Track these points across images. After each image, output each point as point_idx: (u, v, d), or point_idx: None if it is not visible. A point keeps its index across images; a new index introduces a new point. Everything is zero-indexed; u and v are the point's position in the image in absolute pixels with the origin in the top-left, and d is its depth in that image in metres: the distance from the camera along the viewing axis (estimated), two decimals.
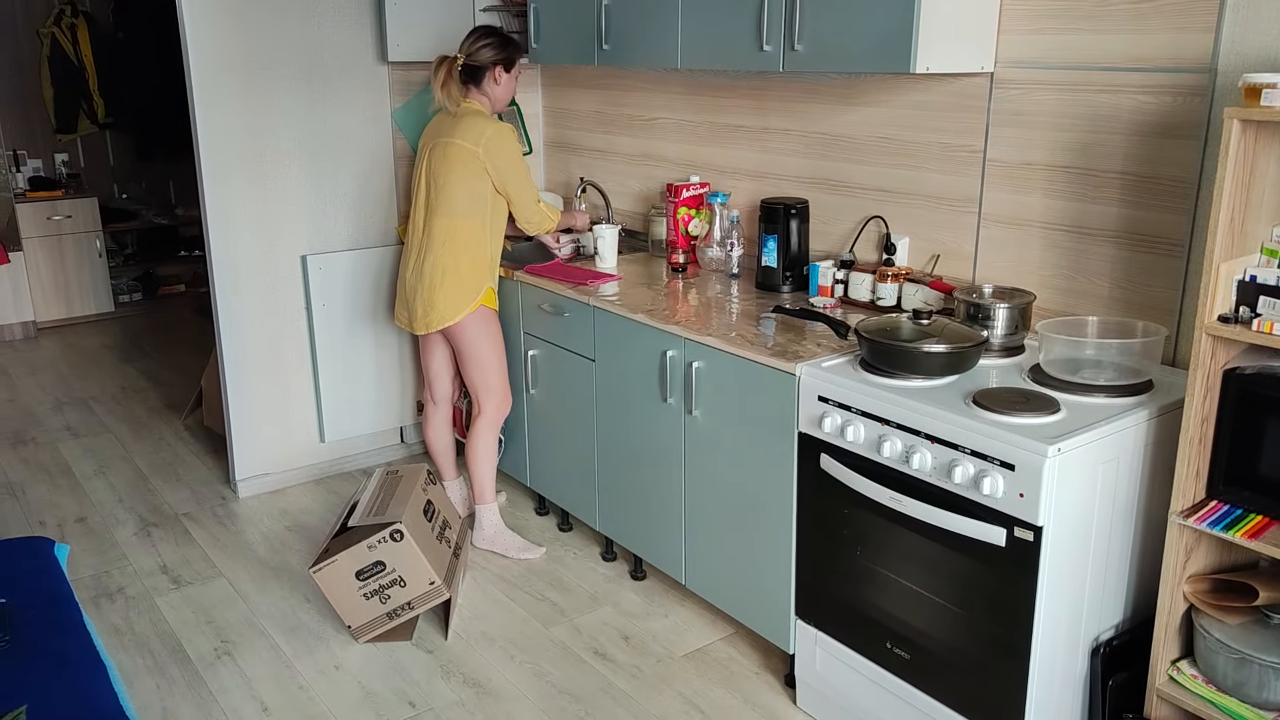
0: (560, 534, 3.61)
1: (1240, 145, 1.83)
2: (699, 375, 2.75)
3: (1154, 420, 2.14)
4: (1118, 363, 2.25)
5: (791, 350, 2.55)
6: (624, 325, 3.00)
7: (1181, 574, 2.07)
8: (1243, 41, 2.16)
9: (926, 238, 2.88)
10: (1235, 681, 2.01)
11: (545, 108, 4.36)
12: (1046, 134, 2.54)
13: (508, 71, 3.25)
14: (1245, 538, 1.91)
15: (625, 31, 3.23)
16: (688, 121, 3.64)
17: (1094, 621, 2.19)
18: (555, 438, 3.44)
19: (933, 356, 2.27)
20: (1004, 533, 2.03)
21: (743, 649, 2.94)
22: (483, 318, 3.29)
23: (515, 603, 3.18)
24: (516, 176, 3.20)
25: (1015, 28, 2.56)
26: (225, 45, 3.51)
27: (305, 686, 2.78)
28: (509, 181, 3.19)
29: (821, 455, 2.41)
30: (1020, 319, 2.47)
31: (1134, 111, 2.36)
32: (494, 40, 3.21)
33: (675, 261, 3.44)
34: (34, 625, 2.27)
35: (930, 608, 2.23)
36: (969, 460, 2.07)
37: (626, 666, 2.86)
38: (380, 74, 3.85)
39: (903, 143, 2.90)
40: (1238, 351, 2.00)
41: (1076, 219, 2.52)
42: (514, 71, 3.27)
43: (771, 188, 3.36)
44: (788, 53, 2.68)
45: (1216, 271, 1.89)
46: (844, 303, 2.99)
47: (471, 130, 3.14)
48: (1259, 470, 1.94)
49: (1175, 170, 2.31)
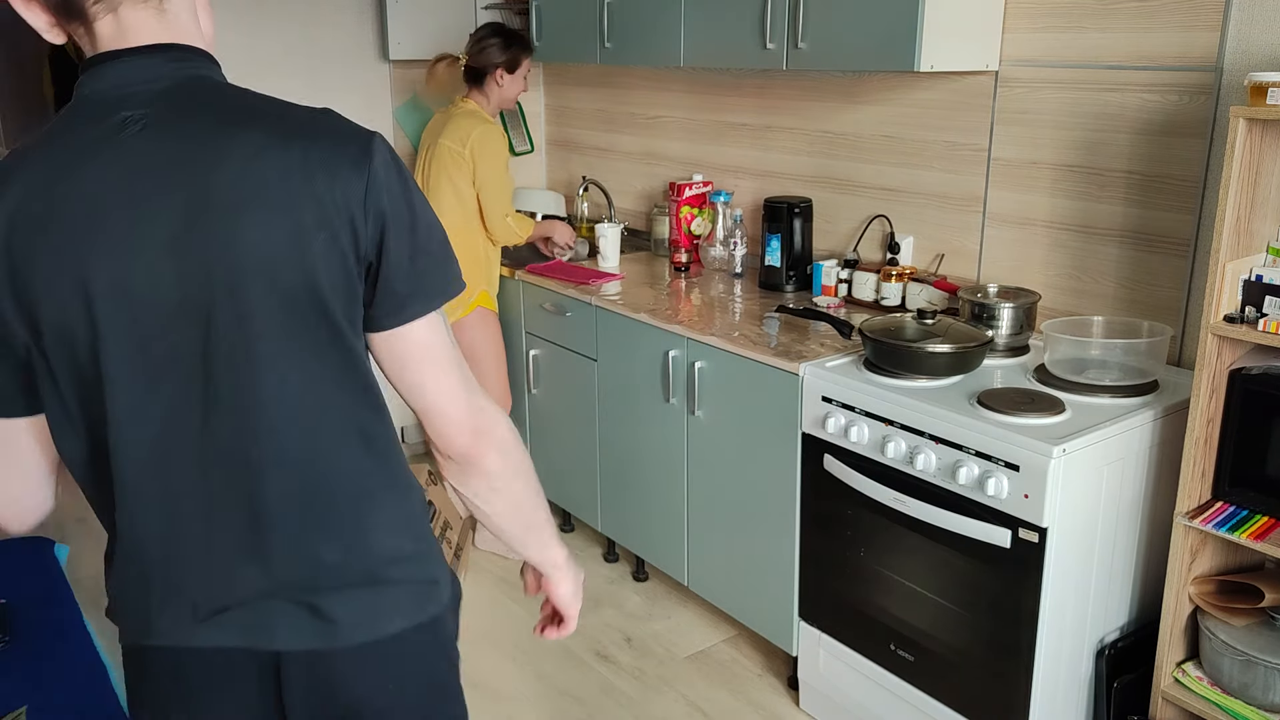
0: (562, 535, 3.60)
1: (1246, 144, 1.82)
2: (702, 375, 2.74)
3: (1159, 421, 2.13)
4: (1123, 363, 2.24)
5: (795, 350, 2.54)
6: (626, 325, 2.99)
7: (1187, 575, 2.06)
8: (1248, 40, 2.14)
9: (931, 237, 2.87)
10: (1241, 683, 2.00)
11: (547, 106, 4.35)
12: (1051, 133, 2.53)
13: (511, 72, 3.22)
14: (1251, 539, 1.90)
15: (628, 29, 3.22)
16: (691, 120, 3.63)
17: (1099, 623, 2.18)
18: (557, 438, 3.43)
19: (937, 357, 2.26)
20: (1008, 534, 2.02)
21: (745, 651, 2.93)
22: (480, 319, 3.28)
23: (517, 604, 3.17)
24: (491, 181, 3.14)
25: (1020, 26, 2.55)
26: (226, 43, 3.50)
27: None
28: (483, 184, 3.14)
29: (825, 456, 2.40)
30: (1025, 319, 2.46)
31: (1139, 110, 2.35)
32: (498, 41, 3.19)
33: (678, 261, 3.43)
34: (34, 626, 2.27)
35: (934, 609, 2.22)
36: (973, 461, 2.06)
37: (629, 668, 2.85)
38: (382, 72, 3.85)
39: (907, 141, 2.88)
40: (1243, 351, 1.99)
41: (1081, 218, 2.51)
42: (519, 72, 3.25)
43: (775, 186, 3.34)
44: (791, 51, 2.67)
45: (1222, 271, 1.88)
46: (848, 302, 2.98)
47: (459, 131, 3.13)
48: (1265, 471, 1.93)
49: (1181, 169, 2.30)
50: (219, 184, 1.03)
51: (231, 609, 1.15)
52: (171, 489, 1.12)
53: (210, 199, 1.02)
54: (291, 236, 1.03)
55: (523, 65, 3.25)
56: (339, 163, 1.06)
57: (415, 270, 1.11)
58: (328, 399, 1.13)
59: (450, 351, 1.18)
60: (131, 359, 1.06)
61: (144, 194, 1.03)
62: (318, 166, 1.05)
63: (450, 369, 1.18)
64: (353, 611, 1.17)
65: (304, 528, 1.14)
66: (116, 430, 1.09)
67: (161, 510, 1.13)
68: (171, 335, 1.05)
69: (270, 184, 1.03)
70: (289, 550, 1.14)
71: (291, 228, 1.03)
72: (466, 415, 1.18)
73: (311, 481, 1.13)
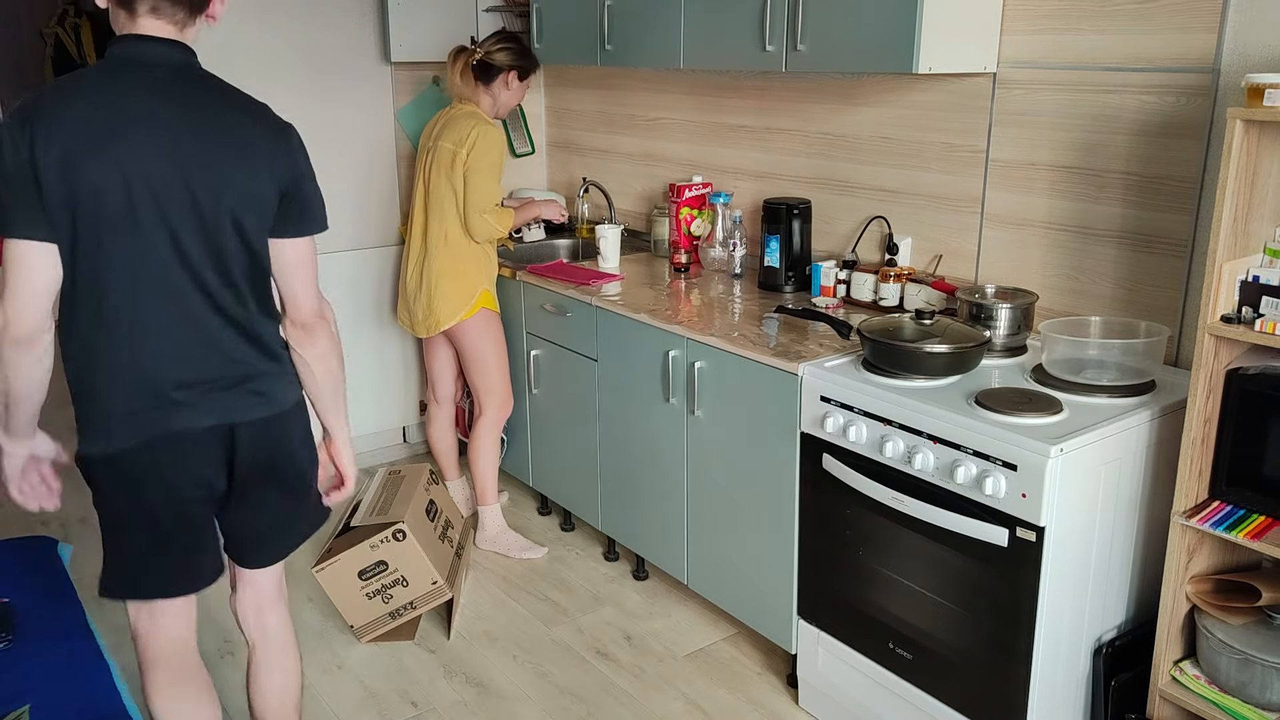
0: (562, 534, 3.61)
1: (1243, 145, 1.83)
2: (701, 375, 2.75)
3: (1157, 420, 2.14)
4: (1120, 363, 2.24)
5: (794, 350, 2.55)
6: (627, 325, 3.00)
7: (1184, 574, 2.07)
8: (1246, 41, 2.15)
9: (929, 238, 2.88)
10: (1238, 682, 2.01)
11: (548, 107, 4.36)
12: (1049, 134, 2.54)
13: (521, 79, 3.27)
14: (1248, 538, 1.91)
15: (628, 31, 3.24)
16: (690, 121, 3.64)
17: (1096, 622, 2.18)
18: (558, 438, 3.44)
19: (935, 357, 2.27)
20: (1006, 533, 2.03)
21: (745, 649, 2.94)
22: (484, 320, 3.30)
23: (517, 603, 3.18)
24: (477, 178, 3.13)
25: (1018, 28, 2.56)
26: (227, 44, 3.51)
27: (308, 686, 2.78)
28: (468, 180, 3.14)
29: (824, 455, 2.41)
30: (1023, 319, 2.47)
31: (1137, 111, 2.36)
32: (515, 46, 3.24)
33: (678, 261, 3.44)
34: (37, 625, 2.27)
35: (932, 608, 2.23)
36: (971, 460, 2.07)
37: (629, 666, 2.86)
38: (383, 74, 3.86)
39: (905, 143, 2.89)
40: (1240, 352, 2.00)
41: (1079, 219, 2.52)
42: (526, 81, 3.29)
43: (774, 188, 3.35)
44: (790, 53, 2.68)
45: (1219, 272, 1.89)
46: (846, 303, 2.99)
47: (458, 131, 3.15)
48: (1262, 470, 1.94)
49: (1178, 170, 2.31)
50: (210, 130, 1.74)
51: (198, 401, 1.81)
52: (153, 321, 1.76)
53: (203, 138, 1.73)
54: (250, 173, 1.76)
55: (530, 77, 3.30)
56: (278, 138, 1.81)
57: (303, 209, 1.86)
58: (243, 271, 1.82)
59: (314, 262, 1.91)
60: (138, 219, 1.70)
61: (164, 120, 1.71)
62: (267, 136, 1.80)
63: (312, 273, 1.91)
64: (277, 390, 1.90)
65: (236, 342, 1.83)
66: (108, 269, 1.71)
67: (146, 334, 1.76)
68: (167, 208, 1.72)
69: (244, 141, 1.76)
70: (232, 357, 1.83)
71: (250, 168, 1.77)
72: (315, 303, 1.92)
73: (239, 316, 1.83)
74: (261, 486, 1.94)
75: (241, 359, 1.84)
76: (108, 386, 1.76)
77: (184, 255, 1.74)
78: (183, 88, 1.74)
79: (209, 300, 1.78)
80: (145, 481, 1.81)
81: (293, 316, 1.90)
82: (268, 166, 1.78)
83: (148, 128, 1.69)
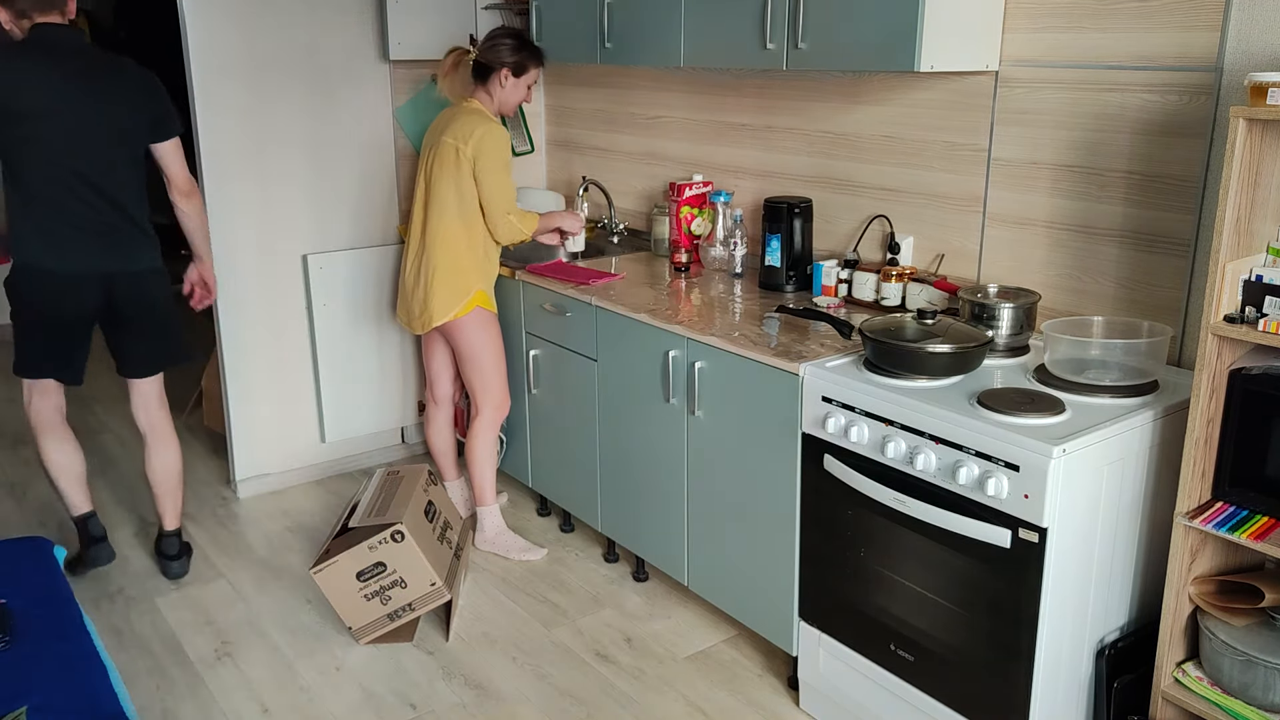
0: (562, 535, 3.60)
1: (1246, 144, 1.82)
2: (702, 375, 2.74)
3: (1159, 421, 2.13)
4: (1123, 363, 2.24)
5: (795, 350, 2.54)
6: (626, 325, 2.99)
7: (1187, 575, 2.06)
8: (1248, 40, 2.14)
9: (931, 237, 2.87)
10: (1241, 683, 2.00)
11: (547, 106, 4.35)
12: (1051, 133, 2.53)
13: (516, 76, 3.20)
14: (1251, 539, 1.90)
15: (628, 30, 3.23)
16: (691, 120, 3.63)
17: (1099, 623, 2.18)
18: (557, 438, 3.43)
19: (937, 357, 2.26)
20: (1008, 534, 2.02)
21: (745, 651, 2.93)
22: (480, 319, 3.28)
23: (517, 604, 3.17)
24: (492, 178, 3.12)
25: (1020, 26, 2.55)
26: (226, 43, 3.50)
27: (306, 688, 2.77)
28: (482, 182, 3.12)
29: (825, 456, 2.40)
30: (1025, 319, 2.46)
31: (1139, 110, 2.35)
32: (511, 43, 3.19)
33: (678, 261, 3.43)
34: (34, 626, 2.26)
35: (934, 609, 2.22)
36: (973, 461, 2.06)
37: (629, 668, 2.85)
38: (382, 72, 3.85)
39: (907, 141, 2.89)
40: (1243, 352, 1.99)
41: (1082, 218, 2.51)
42: (525, 78, 3.23)
43: (775, 186, 3.35)
44: (791, 51, 2.67)
45: (1222, 271, 1.88)
46: (848, 302, 2.98)
47: (463, 129, 3.12)
48: (1265, 471, 1.93)
49: (1181, 169, 2.30)
50: (109, 85, 2.87)
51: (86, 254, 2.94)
52: (62, 205, 2.88)
53: (104, 89, 2.85)
54: (133, 110, 2.91)
55: (529, 73, 3.23)
56: (150, 85, 2.96)
57: (166, 124, 3.01)
58: (131, 176, 2.96)
59: (181, 154, 3.05)
60: (61, 139, 2.81)
61: (75, 73, 2.82)
62: (143, 85, 2.94)
63: (182, 160, 3.05)
64: (141, 255, 3.04)
65: (121, 224, 2.97)
66: (38, 169, 2.83)
67: (55, 214, 2.88)
68: (80, 136, 2.83)
69: (128, 90, 2.90)
70: (117, 234, 2.97)
71: (133, 108, 2.91)
72: (188, 180, 3.10)
73: (122, 208, 2.96)
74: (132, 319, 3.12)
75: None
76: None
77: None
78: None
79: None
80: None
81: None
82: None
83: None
